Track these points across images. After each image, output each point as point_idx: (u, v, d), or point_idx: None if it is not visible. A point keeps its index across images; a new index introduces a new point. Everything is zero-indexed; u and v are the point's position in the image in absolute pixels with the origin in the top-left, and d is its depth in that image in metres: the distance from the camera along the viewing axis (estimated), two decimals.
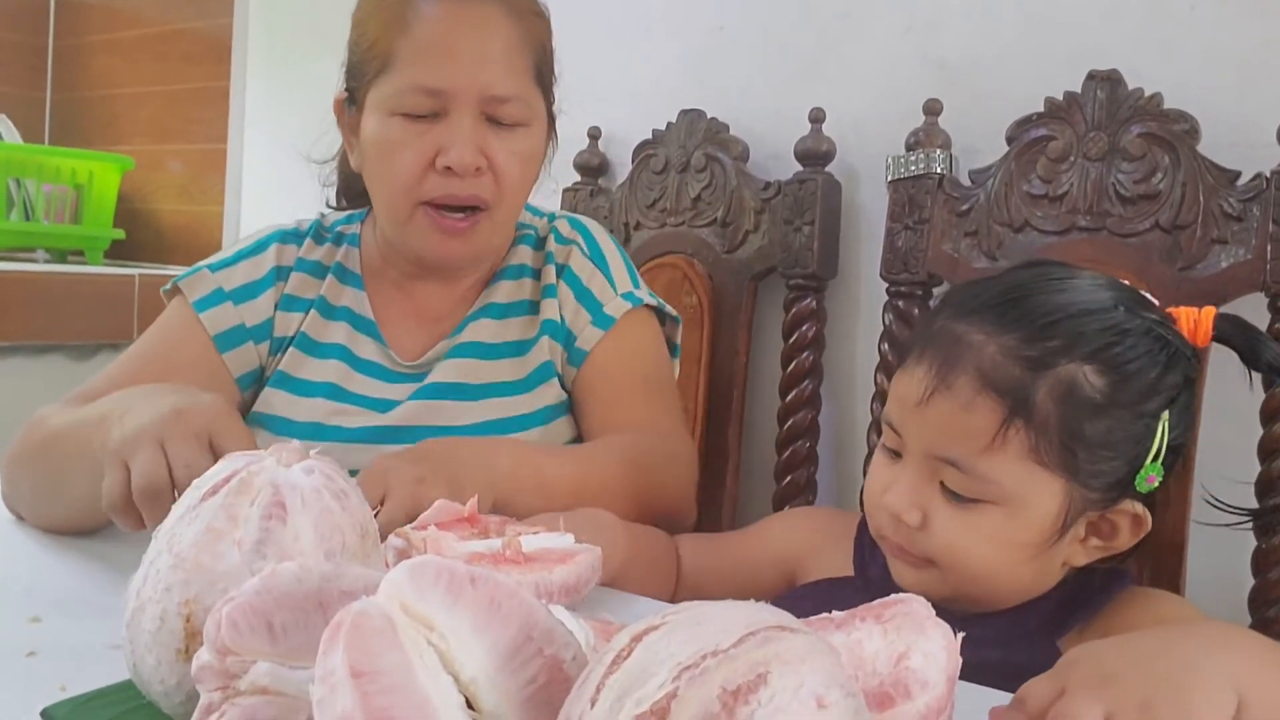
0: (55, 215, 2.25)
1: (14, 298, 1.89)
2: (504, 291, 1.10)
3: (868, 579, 0.83)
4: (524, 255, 1.13)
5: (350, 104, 1.05)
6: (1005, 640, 0.75)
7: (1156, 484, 0.74)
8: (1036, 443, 0.71)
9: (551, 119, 1.08)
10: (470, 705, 0.39)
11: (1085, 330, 0.72)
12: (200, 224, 2.34)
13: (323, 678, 0.37)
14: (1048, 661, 0.71)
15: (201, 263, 1.09)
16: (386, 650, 0.38)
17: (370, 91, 1.01)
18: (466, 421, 1.02)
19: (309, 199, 1.25)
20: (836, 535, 0.89)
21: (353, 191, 1.17)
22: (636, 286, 1.12)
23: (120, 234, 2.35)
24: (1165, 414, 0.73)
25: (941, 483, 0.75)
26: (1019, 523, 0.73)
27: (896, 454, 0.78)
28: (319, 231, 1.13)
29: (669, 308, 1.15)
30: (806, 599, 0.86)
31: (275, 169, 2.21)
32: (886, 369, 1.25)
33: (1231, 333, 0.77)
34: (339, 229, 1.14)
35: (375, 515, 0.71)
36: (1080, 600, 0.78)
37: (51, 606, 0.69)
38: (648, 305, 1.11)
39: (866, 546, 0.84)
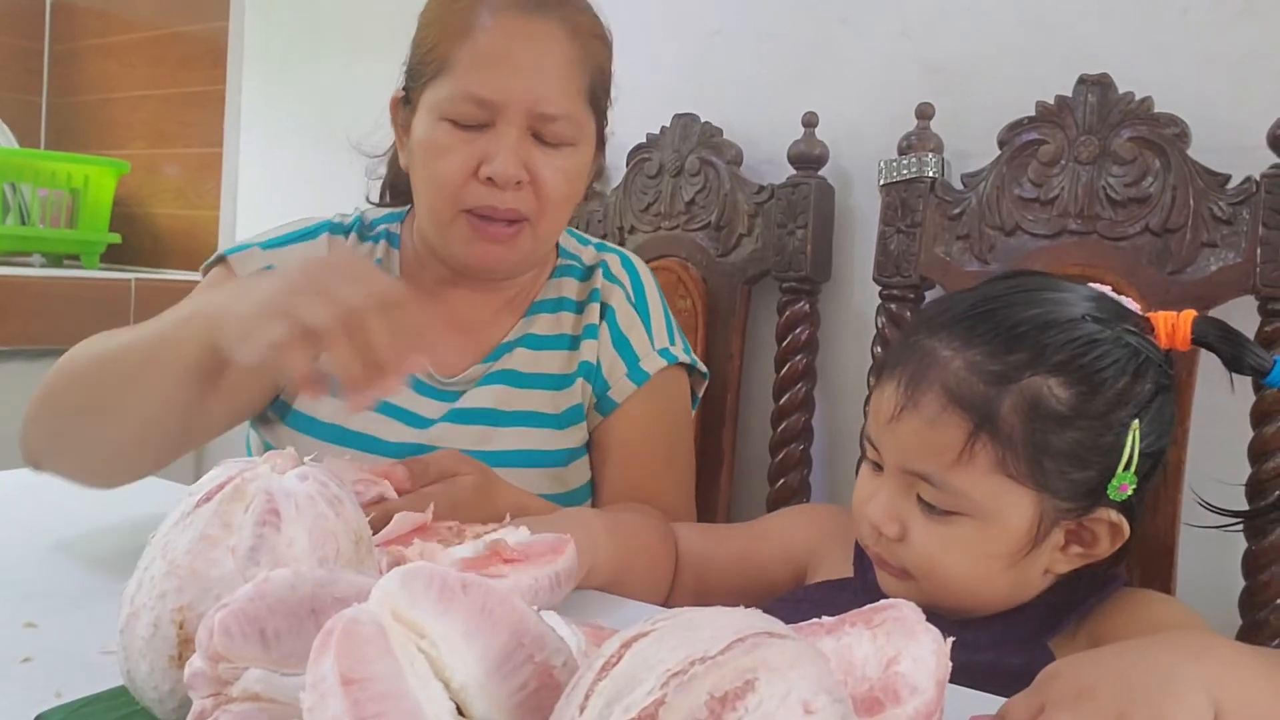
0: (51, 220, 2.25)
1: (10, 302, 1.89)
2: (543, 324, 1.10)
3: (866, 581, 0.84)
4: (567, 288, 1.12)
5: (406, 103, 1.05)
6: (997, 643, 0.76)
7: (1130, 492, 0.74)
8: (1004, 456, 0.72)
9: (602, 140, 1.08)
10: (461, 712, 0.39)
11: (1050, 343, 0.72)
12: (196, 228, 2.34)
13: (313, 684, 0.37)
14: (1040, 663, 0.72)
15: (248, 240, 1.08)
16: (377, 657, 0.38)
17: (425, 93, 1.01)
18: (494, 447, 1.02)
19: (305, 202, 1.26)
20: (842, 536, 0.90)
21: (397, 189, 1.17)
22: (672, 342, 1.13)
23: (116, 238, 2.35)
24: (1136, 422, 0.73)
25: (918, 495, 0.76)
26: (992, 534, 0.74)
27: (879, 466, 0.79)
28: (362, 228, 1.13)
29: (700, 364, 1.16)
30: (805, 601, 0.86)
31: (271, 173, 2.21)
32: (879, 372, 1.26)
33: (1212, 336, 0.77)
34: (380, 227, 1.13)
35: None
36: (1072, 602, 0.78)
37: (46, 612, 0.69)
38: (681, 363, 1.12)
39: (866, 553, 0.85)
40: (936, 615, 0.80)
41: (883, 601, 0.53)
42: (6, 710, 0.55)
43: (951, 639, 0.52)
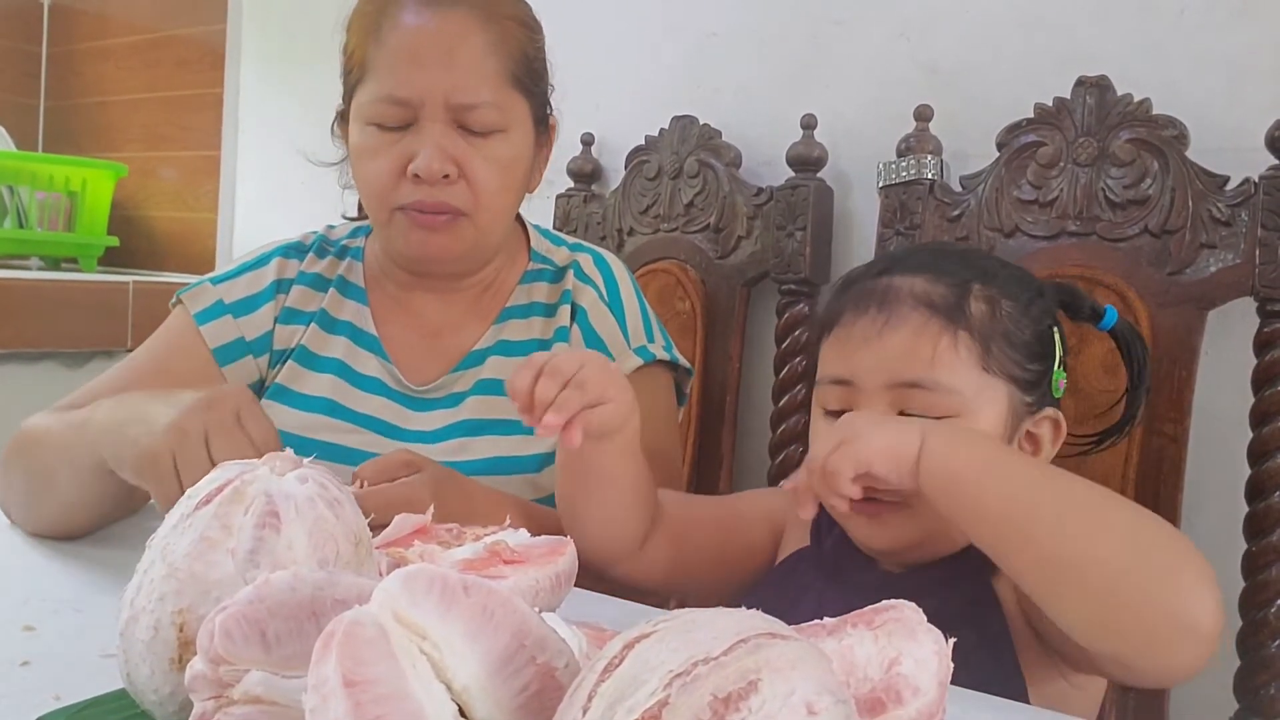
0: (49, 222, 2.25)
1: (8, 305, 1.88)
2: (514, 330, 1.08)
3: (822, 551, 0.87)
4: (538, 292, 1.10)
5: (344, 116, 1.06)
6: (939, 587, 0.78)
7: (1064, 389, 0.86)
8: (983, 350, 0.81)
9: (542, 123, 1.06)
10: (463, 714, 0.39)
11: (981, 264, 0.86)
12: (194, 231, 2.34)
13: (315, 686, 0.37)
14: (985, 602, 0.75)
15: (205, 276, 1.10)
16: (379, 659, 0.38)
17: (353, 102, 1.02)
18: (468, 456, 1.01)
19: (302, 205, 1.26)
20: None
21: None
22: (650, 340, 1.10)
23: (114, 241, 2.35)
24: (1056, 328, 0.85)
25: (901, 412, 0.80)
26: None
27: (837, 415, 0.82)
28: (322, 246, 1.13)
29: (683, 360, 1.13)
30: (770, 586, 0.90)
31: (269, 175, 2.21)
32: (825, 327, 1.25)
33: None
34: (343, 243, 1.13)
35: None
36: None
37: (45, 616, 0.69)
38: (660, 360, 1.09)
39: (824, 520, 0.87)
40: (877, 564, 0.86)
41: (884, 603, 0.52)
42: (6, 714, 0.54)
43: (953, 639, 0.52)
